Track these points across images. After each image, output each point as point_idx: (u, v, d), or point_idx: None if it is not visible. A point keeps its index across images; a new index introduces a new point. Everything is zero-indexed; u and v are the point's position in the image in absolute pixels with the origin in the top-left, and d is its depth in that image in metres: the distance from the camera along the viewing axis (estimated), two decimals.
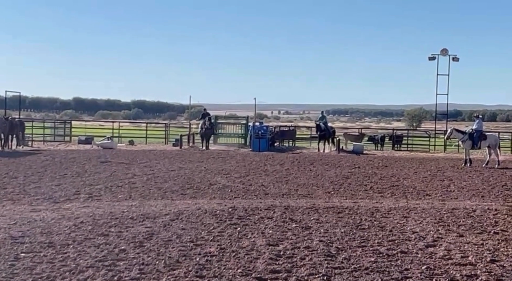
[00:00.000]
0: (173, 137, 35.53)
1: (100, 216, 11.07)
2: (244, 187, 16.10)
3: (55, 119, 58.52)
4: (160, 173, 18.95)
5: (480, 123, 25.13)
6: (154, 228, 10.13)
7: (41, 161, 21.99)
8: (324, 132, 31.97)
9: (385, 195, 15.21)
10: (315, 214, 11.91)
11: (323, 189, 16.11)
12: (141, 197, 13.82)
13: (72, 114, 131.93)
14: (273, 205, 12.94)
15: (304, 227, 10.54)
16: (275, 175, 19.14)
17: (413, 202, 14.00)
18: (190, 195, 14.33)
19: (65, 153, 25.89)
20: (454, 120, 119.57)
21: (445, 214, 12.33)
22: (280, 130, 36.98)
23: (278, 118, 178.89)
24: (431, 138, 37.05)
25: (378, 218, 11.67)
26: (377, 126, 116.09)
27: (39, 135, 34.53)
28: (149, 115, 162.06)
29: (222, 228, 10.32)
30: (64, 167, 19.85)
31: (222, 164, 22.65)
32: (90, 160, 22.68)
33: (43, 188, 14.64)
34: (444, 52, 38.07)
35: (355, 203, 13.68)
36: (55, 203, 12.53)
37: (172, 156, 25.80)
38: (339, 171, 20.92)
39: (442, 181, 18.61)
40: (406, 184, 17.73)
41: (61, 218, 10.80)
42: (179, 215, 11.39)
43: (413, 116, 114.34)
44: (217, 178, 17.89)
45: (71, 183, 15.89)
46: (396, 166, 23.45)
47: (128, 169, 19.88)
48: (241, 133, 34.95)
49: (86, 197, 13.49)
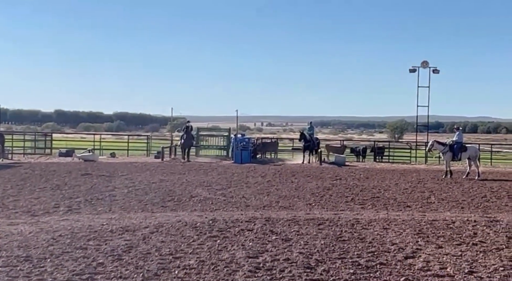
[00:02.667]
0: (155, 149, 35.43)
1: (78, 229, 10.97)
2: (225, 199, 16.07)
3: (36, 132, 58.08)
4: (141, 185, 18.85)
5: (460, 135, 25.31)
6: (133, 241, 10.06)
7: (20, 174, 21.80)
8: (309, 143, 32.03)
9: (366, 207, 15.25)
10: (295, 226, 11.90)
11: (304, 201, 16.11)
12: (121, 209, 13.74)
13: (53, 127, 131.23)
14: (254, 217, 12.91)
15: (284, 239, 10.52)
16: (256, 187, 19.12)
17: (394, 214, 14.04)
18: (171, 208, 14.27)
19: (45, 166, 25.67)
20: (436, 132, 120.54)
21: (424, 225, 12.39)
22: (262, 142, 36.99)
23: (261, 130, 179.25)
24: (412, 150, 37.25)
25: (358, 230, 11.69)
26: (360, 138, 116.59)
27: (20, 148, 34.25)
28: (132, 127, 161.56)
29: (202, 240, 10.28)
30: (44, 180, 19.69)
31: (204, 176, 22.59)
32: (70, 173, 22.51)
33: (22, 201, 14.51)
34: (424, 65, 38.43)
35: (336, 214, 13.70)
36: (34, 217, 12.41)
37: (154, 168, 25.69)
38: (321, 183, 20.95)
39: (422, 193, 18.70)
40: (387, 195, 17.79)
41: (39, 231, 10.70)
42: (159, 228, 11.33)
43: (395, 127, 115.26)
44: (198, 190, 17.83)
45: (51, 196, 15.75)
46: (377, 178, 23.52)
47: (108, 181, 19.76)
48: (223, 145, 34.92)
49: (66, 210, 13.38)
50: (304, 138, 32.14)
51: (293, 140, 39.79)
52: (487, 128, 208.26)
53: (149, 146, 37.18)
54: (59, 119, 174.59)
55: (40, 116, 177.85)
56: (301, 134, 32.78)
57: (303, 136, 32.23)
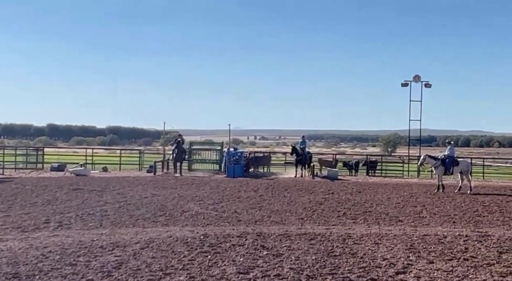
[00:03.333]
0: (147, 164, 35.33)
1: (69, 245, 10.91)
2: (217, 214, 16.02)
3: (28, 146, 57.93)
4: (132, 200, 18.78)
5: (452, 149, 25.38)
6: (124, 257, 10.00)
7: (11, 189, 21.69)
8: (301, 157, 32.06)
9: (357, 221, 15.23)
10: (287, 241, 11.87)
11: (296, 215, 16.09)
12: (112, 225, 13.67)
13: (46, 141, 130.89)
14: (245, 232, 12.88)
15: (276, 255, 10.49)
16: (248, 202, 19.09)
17: (385, 228, 14.03)
18: (162, 223, 14.21)
19: (36, 181, 25.57)
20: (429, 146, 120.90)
21: (416, 240, 12.38)
22: (255, 156, 36.94)
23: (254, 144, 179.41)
24: (404, 164, 37.29)
25: (349, 245, 11.67)
26: (353, 151, 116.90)
27: (11, 163, 34.10)
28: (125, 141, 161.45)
29: (193, 256, 10.24)
30: (35, 195, 19.59)
31: (196, 190, 22.53)
32: (62, 187, 22.41)
33: (12, 217, 14.42)
34: (416, 79, 38.56)
35: (327, 229, 13.68)
36: (24, 232, 12.34)
37: (146, 182, 25.62)
38: (313, 197, 20.93)
39: (414, 207, 18.71)
40: (379, 210, 17.78)
41: (29, 247, 10.63)
42: (149, 243, 11.28)
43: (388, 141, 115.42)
44: (190, 205, 17.78)
45: (41, 211, 15.66)
46: (369, 192, 23.53)
47: (100, 196, 19.68)
48: (216, 159, 34.88)
49: (56, 226, 13.31)
50: (296, 152, 32.19)
51: (286, 154, 39.79)
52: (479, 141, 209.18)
53: (141, 160, 37.07)
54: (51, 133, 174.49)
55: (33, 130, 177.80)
56: (293, 148, 32.84)
57: (295, 150, 32.29)
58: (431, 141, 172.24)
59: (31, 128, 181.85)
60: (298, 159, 32.04)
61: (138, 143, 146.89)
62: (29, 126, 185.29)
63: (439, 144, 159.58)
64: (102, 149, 52.75)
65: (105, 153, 46.58)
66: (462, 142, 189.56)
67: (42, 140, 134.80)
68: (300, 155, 32.06)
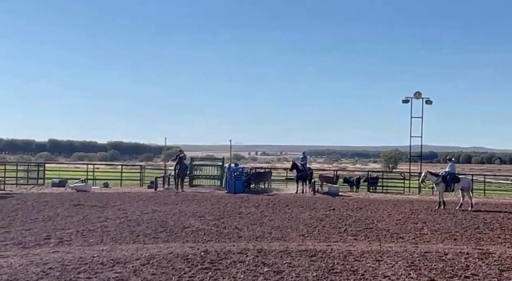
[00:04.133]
0: (148, 179, 35.27)
1: (69, 262, 10.90)
2: (218, 230, 16.00)
3: (29, 162, 57.94)
4: (133, 216, 18.77)
5: (453, 166, 25.36)
6: (124, 273, 9.99)
7: (12, 205, 21.69)
8: (301, 173, 32.09)
9: (358, 238, 15.20)
10: (288, 258, 11.85)
11: (297, 231, 16.07)
12: (112, 241, 13.66)
13: (47, 156, 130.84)
14: (246, 249, 12.87)
15: (276, 271, 10.48)
16: (249, 218, 19.07)
17: (386, 245, 14.01)
18: (163, 239, 14.20)
19: (37, 197, 25.57)
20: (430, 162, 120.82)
21: (417, 257, 12.35)
22: (256, 172, 36.91)
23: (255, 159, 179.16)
24: (405, 180, 37.22)
25: (350, 262, 11.65)
26: (354, 167, 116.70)
27: (12, 178, 34.10)
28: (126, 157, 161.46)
29: (193, 272, 10.23)
30: (35, 211, 19.59)
31: (197, 206, 22.52)
32: (62, 203, 22.41)
33: (13, 233, 14.41)
34: (417, 95, 38.60)
35: (328, 246, 13.66)
36: (24, 249, 12.33)
37: (147, 198, 25.61)
38: (314, 214, 20.91)
39: (415, 224, 18.67)
40: (380, 226, 17.75)
41: (29, 264, 10.62)
42: (150, 260, 11.27)
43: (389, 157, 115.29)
44: (191, 221, 17.77)
45: (42, 227, 15.66)
46: (370, 208, 23.49)
47: (101, 212, 19.68)
48: (217, 175, 34.87)
49: (57, 242, 13.30)
50: (296, 167, 32.23)
51: (287, 170, 39.77)
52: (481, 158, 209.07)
53: (142, 176, 37.04)
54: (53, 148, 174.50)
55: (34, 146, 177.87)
56: (293, 164, 32.91)
57: (295, 166, 32.34)
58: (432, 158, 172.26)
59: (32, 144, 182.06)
60: (299, 175, 32.08)
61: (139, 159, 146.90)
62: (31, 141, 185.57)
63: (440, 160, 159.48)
64: (103, 165, 52.74)
65: (106, 169, 46.56)
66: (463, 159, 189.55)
67: (43, 155, 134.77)
68: (301, 171, 32.10)
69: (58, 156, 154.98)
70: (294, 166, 32.56)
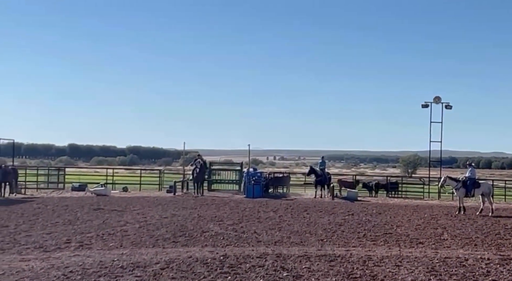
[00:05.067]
0: (167, 184, 35.40)
1: (90, 265, 10.98)
2: (237, 234, 16.03)
3: (49, 166, 58.44)
4: (152, 220, 18.86)
5: (473, 171, 25.17)
6: (144, 277, 10.05)
7: (33, 208, 21.90)
8: (320, 178, 32.08)
9: (378, 243, 15.14)
10: (307, 263, 11.84)
11: (316, 236, 16.04)
12: (132, 245, 13.74)
13: (67, 161, 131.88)
14: (265, 253, 12.87)
15: (296, 276, 10.47)
16: (268, 222, 19.07)
17: (406, 251, 13.93)
18: (182, 243, 14.25)
19: (58, 201, 25.80)
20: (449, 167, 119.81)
21: (437, 263, 12.27)
22: (274, 176, 36.89)
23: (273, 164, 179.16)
24: (425, 185, 36.98)
25: (370, 267, 11.60)
26: (373, 172, 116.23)
27: (33, 182, 34.41)
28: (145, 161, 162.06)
29: (213, 277, 10.25)
30: (56, 215, 19.76)
31: (216, 211, 22.56)
32: (82, 207, 22.58)
33: (34, 237, 14.55)
34: (437, 100, 38.35)
35: (347, 251, 13.61)
36: (45, 252, 12.44)
37: (166, 203, 25.71)
38: (333, 218, 20.86)
39: (435, 229, 18.56)
40: (400, 232, 17.66)
41: (50, 267, 10.72)
42: (169, 264, 11.31)
43: (408, 162, 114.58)
44: (210, 225, 17.81)
45: (63, 231, 15.79)
46: (390, 214, 23.38)
47: (120, 216, 19.80)
48: (235, 179, 34.91)
49: (77, 246, 13.40)
50: (314, 172, 32.26)
51: (305, 174, 39.72)
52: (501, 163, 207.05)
53: (161, 180, 37.20)
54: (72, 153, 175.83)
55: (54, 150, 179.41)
56: (311, 169, 32.93)
57: (313, 171, 32.38)
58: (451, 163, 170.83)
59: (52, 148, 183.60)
60: (318, 179, 32.09)
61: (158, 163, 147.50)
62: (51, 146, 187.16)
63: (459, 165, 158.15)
64: (122, 169, 53.02)
65: (125, 173, 46.83)
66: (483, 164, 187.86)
67: (63, 160, 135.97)
68: (319, 176, 32.10)
69: (78, 160, 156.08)
70: (311, 171, 32.56)
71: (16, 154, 39.71)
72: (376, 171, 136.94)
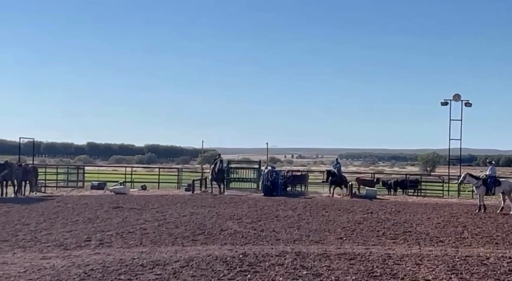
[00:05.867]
0: (185, 182, 35.56)
1: (110, 263, 11.03)
2: (256, 232, 16.02)
3: (69, 165, 58.89)
4: (171, 218, 18.92)
5: (493, 169, 24.96)
6: (164, 275, 10.07)
7: (53, 207, 22.08)
8: (336, 178, 32.08)
9: (397, 242, 15.06)
10: (326, 261, 11.80)
11: (335, 235, 15.99)
12: (152, 243, 13.79)
13: (86, 159, 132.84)
14: (284, 251, 12.85)
15: (315, 274, 10.43)
16: (287, 221, 19.05)
17: (426, 249, 13.84)
18: (201, 241, 14.27)
19: (77, 199, 25.99)
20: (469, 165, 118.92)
21: (458, 261, 12.17)
22: (292, 175, 36.87)
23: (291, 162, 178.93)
24: (444, 183, 36.75)
25: (390, 265, 11.54)
26: (391, 170, 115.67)
27: (53, 181, 34.71)
28: (163, 160, 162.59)
29: (232, 275, 10.25)
30: (76, 213, 19.90)
31: (234, 209, 22.59)
32: (102, 206, 22.72)
33: (54, 235, 14.66)
34: (456, 97, 38.10)
35: (367, 249, 13.56)
36: (66, 250, 12.53)
37: (184, 201, 25.78)
38: (352, 217, 20.79)
39: (455, 228, 18.42)
40: (419, 230, 17.55)
41: (71, 265, 10.79)
42: (189, 262, 11.34)
43: (427, 160, 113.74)
44: (229, 224, 17.83)
45: (83, 229, 15.90)
46: (409, 212, 23.25)
47: (139, 214, 19.89)
48: (253, 178, 34.92)
49: (97, 244, 13.48)
50: (330, 174, 32.42)
51: (323, 173, 39.68)
52: None
53: (179, 179, 37.35)
54: (91, 151, 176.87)
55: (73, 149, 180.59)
56: (328, 172, 33.03)
57: (330, 173, 32.50)
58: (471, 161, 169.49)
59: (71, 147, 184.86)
60: (333, 179, 32.12)
61: (176, 162, 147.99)
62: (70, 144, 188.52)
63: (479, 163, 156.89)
64: (140, 168, 53.26)
65: (144, 172, 47.02)
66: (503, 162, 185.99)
67: (82, 158, 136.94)
68: (335, 176, 32.15)
69: (96, 159, 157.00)
70: (329, 174, 32.68)
71: (35, 153, 40.04)
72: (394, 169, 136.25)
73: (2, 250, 12.35)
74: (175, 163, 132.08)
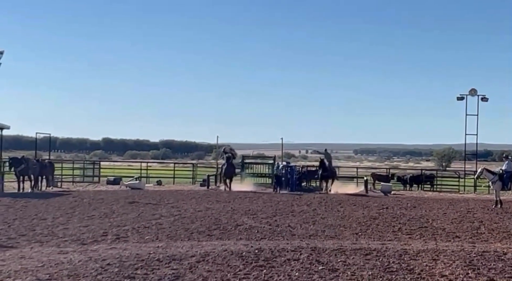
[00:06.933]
0: (200, 177, 35.64)
1: (126, 258, 11.08)
2: (271, 228, 16.03)
3: (85, 160, 59.25)
4: (187, 213, 18.98)
5: (509, 164, 24.79)
6: (180, 270, 10.10)
7: (69, 202, 22.22)
8: (327, 173, 31.61)
9: (413, 237, 15.00)
10: (342, 256, 11.78)
11: (351, 230, 15.96)
12: (167, 238, 13.83)
13: (101, 155, 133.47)
14: (300, 247, 12.84)
15: (331, 270, 10.41)
16: (302, 216, 19.04)
17: (443, 244, 13.78)
18: (217, 236, 14.30)
19: (93, 194, 26.15)
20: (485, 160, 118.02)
21: (475, 257, 12.10)
22: (307, 170, 36.81)
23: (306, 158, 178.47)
24: (460, 179, 36.55)
25: (406, 261, 11.49)
26: (406, 165, 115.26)
27: (69, 176, 34.94)
28: (177, 155, 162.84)
29: (248, 270, 10.25)
30: (92, 208, 20.02)
31: (249, 204, 22.62)
32: (118, 201, 22.83)
33: (71, 230, 14.75)
34: (472, 92, 37.84)
35: (383, 244, 13.51)
36: (83, 245, 12.60)
37: (199, 196, 25.86)
38: (367, 212, 20.74)
39: (472, 223, 18.32)
40: (435, 225, 17.48)
41: (88, 260, 10.85)
42: (205, 257, 11.36)
43: (442, 156, 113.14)
44: (244, 219, 17.85)
45: (99, 224, 15.98)
46: (425, 207, 23.16)
47: (155, 209, 19.97)
48: (268, 173, 34.90)
49: (114, 239, 13.54)
50: (323, 166, 31.55)
51: (339, 168, 39.64)
52: None
53: (194, 174, 37.45)
54: (106, 147, 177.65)
55: (89, 144, 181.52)
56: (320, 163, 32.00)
57: (322, 165, 31.65)
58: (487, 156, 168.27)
59: (87, 142, 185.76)
60: (324, 174, 31.43)
61: (191, 157, 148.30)
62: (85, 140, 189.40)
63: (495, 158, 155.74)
64: (155, 163, 53.47)
65: (159, 167, 47.25)
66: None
67: (97, 154, 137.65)
68: (326, 171, 31.53)
69: (112, 154, 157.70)
70: (321, 165, 31.81)
71: (52, 148, 40.31)
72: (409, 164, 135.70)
73: (20, 245, 12.45)
74: (190, 159, 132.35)
